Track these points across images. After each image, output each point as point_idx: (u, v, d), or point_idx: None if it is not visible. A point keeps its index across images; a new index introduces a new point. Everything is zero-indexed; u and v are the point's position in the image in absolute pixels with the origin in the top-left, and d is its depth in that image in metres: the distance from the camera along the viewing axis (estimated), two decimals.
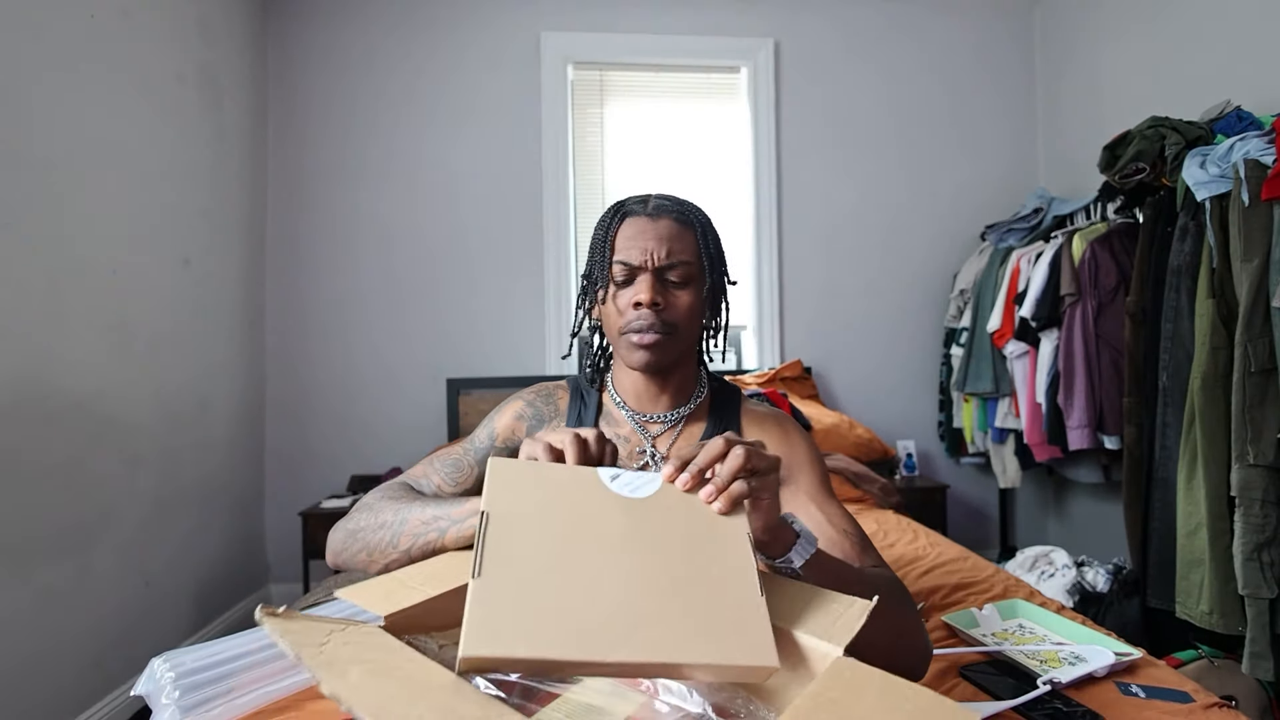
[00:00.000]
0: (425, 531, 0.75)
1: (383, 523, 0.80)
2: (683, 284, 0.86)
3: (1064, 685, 0.80)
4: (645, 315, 0.84)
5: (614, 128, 2.88)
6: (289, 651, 0.45)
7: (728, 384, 1.01)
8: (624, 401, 0.94)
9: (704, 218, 0.91)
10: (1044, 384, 2.27)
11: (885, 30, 2.96)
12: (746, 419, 0.95)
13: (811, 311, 2.93)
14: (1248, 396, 1.51)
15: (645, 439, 0.92)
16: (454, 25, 2.77)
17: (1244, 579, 1.49)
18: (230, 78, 2.41)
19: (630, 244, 0.85)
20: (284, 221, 2.70)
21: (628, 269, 0.85)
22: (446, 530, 0.73)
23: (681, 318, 0.86)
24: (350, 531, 0.84)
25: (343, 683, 0.42)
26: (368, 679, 0.43)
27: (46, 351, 1.59)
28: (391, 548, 0.77)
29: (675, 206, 0.89)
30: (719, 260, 0.92)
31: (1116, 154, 1.92)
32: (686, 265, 0.86)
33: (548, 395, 0.97)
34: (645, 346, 0.85)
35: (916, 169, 2.97)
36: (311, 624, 0.49)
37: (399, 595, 0.57)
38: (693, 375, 0.96)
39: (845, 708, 0.45)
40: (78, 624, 1.67)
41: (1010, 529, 2.90)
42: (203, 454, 2.22)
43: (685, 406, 0.94)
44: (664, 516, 0.56)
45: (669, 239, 0.85)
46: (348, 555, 0.83)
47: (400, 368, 2.73)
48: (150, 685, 0.75)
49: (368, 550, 0.80)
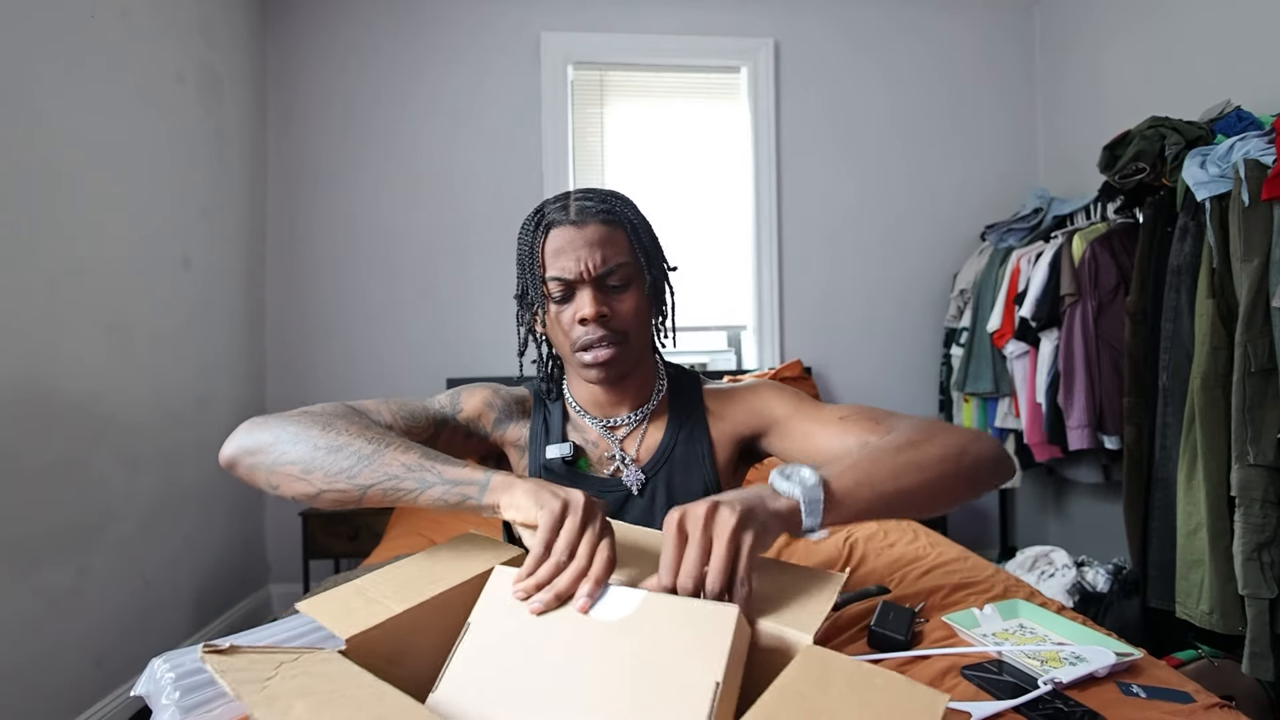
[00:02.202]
0: (403, 476, 0.64)
1: (343, 445, 0.66)
2: (623, 287, 0.83)
3: (1065, 685, 0.80)
4: (593, 329, 0.81)
5: (614, 128, 2.88)
6: (228, 690, 0.44)
7: (686, 371, 0.99)
8: (584, 409, 0.93)
9: (631, 211, 0.87)
10: (1044, 384, 2.27)
11: (885, 30, 2.96)
12: (710, 399, 0.95)
13: (811, 311, 2.93)
14: (1248, 396, 1.51)
15: (612, 443, 0.91)
16: (454, 25, 2.77)
17: (1244, 579, 1.49)
18: (230, 77, 2.41)
19: (560, 257, 0.80)
20: (284, 221, 2.70)
21: (563, 284, 0.81)
22: (431, 485, 0.64)
23: (630, 324, 0.84)
24: (281, 435, 0.68)
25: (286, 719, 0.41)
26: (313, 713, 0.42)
27: (46, 351, 1.59)
28: (346, 478, 0.65)
29: (599, 206, 0.83)
30: (655, 252, 0.89)
31: (1116, 154, 1.92)
32: (623, 267, 0.83)
33: (515, 395, 0.96)
34: (600, 364, 0.82)
35: (916, 169, 2.97)
36: (259, 657, 0.48)
37: (362, 613, 0.55)
38: (650, 374, 0.94)
39: (812, 700, 0.44)
40: (78, 624, 1.67)
41: (1010, 529, 2.90)
42: (203, 454, 2.22)
43: (647, 405, 0.93)
44: (638, 637, 0.50)
45: (600, 244, 0.81)
46: (262, 462, 0.67)
47: (400, 368, 2.73)
48: (150, 685, 0.75)
49: (304, 467, 0.66)
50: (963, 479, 0.71)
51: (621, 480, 0.89)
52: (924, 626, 1.06)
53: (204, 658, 0.47)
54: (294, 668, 0.47)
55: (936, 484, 0.69)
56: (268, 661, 0.47)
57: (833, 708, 0.43)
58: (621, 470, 0.90)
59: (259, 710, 0.42)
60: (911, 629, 1.00)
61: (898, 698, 0.44)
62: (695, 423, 0.92)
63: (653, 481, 0.89)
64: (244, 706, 0.78)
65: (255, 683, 0.45)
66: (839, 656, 0.49)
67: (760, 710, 0.42)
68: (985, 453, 0.74)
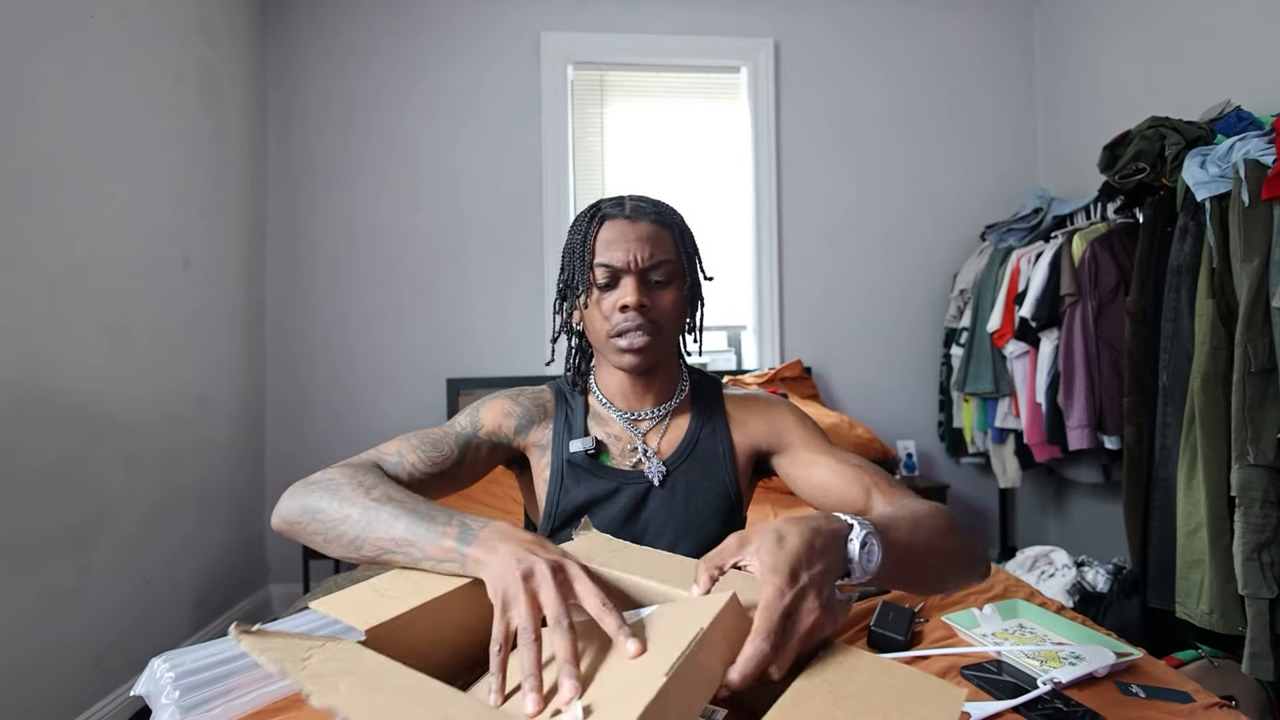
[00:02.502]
0: (393, 550, 0.68)
1: (346, 516, 0.72)
2: (666, 283, 0.88)
3: (1064, 685, 0.80)
4: (632, 317, 0.85)
5: (614, 128, 2.88)
6: (272, 668, 0.44)
7: (707, 375, 1.03)
8: (610, 401, 0.95)
9: (679, 218, 0.93)
10: (1044, 384, 2.27)
11: (885, 30, 2.96)
12: (730, 404, 0.98)
13: (811, 311, 2.93)
14: (1248, 396, 1.51)
15: (635, 435, 0.93)
16: (454, 25, 2.77)
17: (1244, 579, 1.49)
18: (230, 77, 2.41)
19: (611, 247, 0.86)
20: (284, 221, 2.70)
21: (610, 271, 0.86)
22: (419, 563, 0.66)
23: (666, 317, 0.88)
24: (308, 509, 0.75)
25: (335, 695, 0.42)
26: (360, 691, 0.43)
27: (46, 351, 1.59)
28: (354, 549, 0.71)
29: (652, 208, 0.90)
30: (696, 259, 0.94)
31: (1116, 154, 1.92)
32: (668, 264, 0.87)
33: (534, 397, 0.97)
34: (635, 350, 0.86)
35: (916, 169, 2.97)
36: (290, 641, 0.48)
37: (377, 608, 0.56)
38: (675, 372, 0.98)
39: (839, 687, 0.46)
40: (78, 624, 1.67)
41: (1010, 529, 2.90)
42: (203, 454, 2.22)
43: (670, 401, 0.96)
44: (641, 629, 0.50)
45: (650, 240, 0.86)
46: (302, 531, 0.75)
47: (400, 368, 2.73)
48: (150, 685, 0.75)
49: (325, 537, 0.73)
50: (957, 573, 0.75)
51: (644, 472, 0.91)
52: (923, 626, 1.06)
53: (238, 638, 0.48)
54: (325, 652, 0.47)
55: (941, 571, 0.72)
56: (299, 645, 0.48)
57: (859, 694, 0.45)
58: (644, 463, 0.92)
59: (308, 684, 0.42)
60: (911, 629, 1.00)
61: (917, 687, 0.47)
62: (717, 423, 0.96)
63: (674, 474, 0.92)
64: (252, 702, 0.78)
65: (296, 661, 0.45)
66: (861, 651, 0.51)
67: (792, 696, 0.45)
68: (980, 559, 0.77)
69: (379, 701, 0.42)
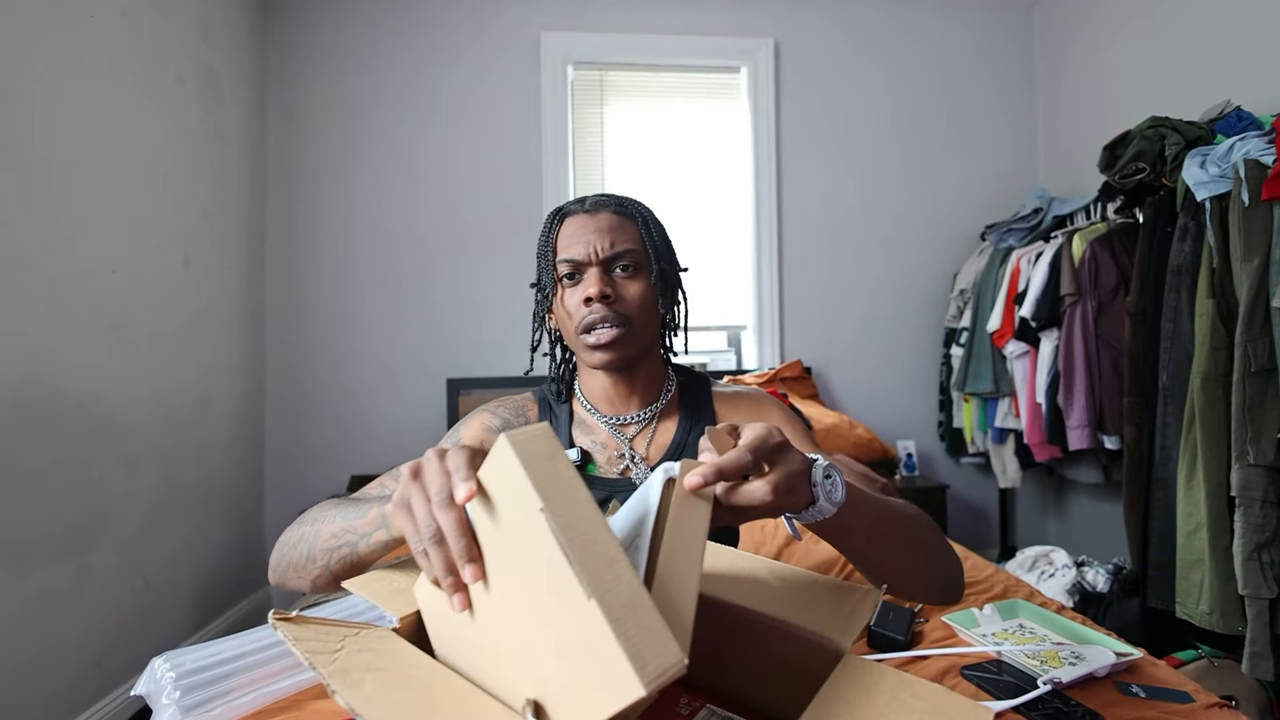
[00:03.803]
0: (337, 546, 0.69)
1: (301, 536, 0.73)
2: (630, 273, 0.86)
3: (1064, 685, 0.80)
4: (597, 309, 0.83)
5: (614, 128, 2.88)
6: (303, 660, 0.44)
7: (696, 374, 1.00)
8: (594, 407, 0.93)
9: (644, 209, 0.91)
10: (1044, 384, 2.27)
11: (885, 30, 2.96)
12: (719, 403, 0.95)
13: (811, 311, 2.93)
14: (1248, 396, 1.51)
15: (622, 442, 0.91)
16: (454, 25, 2.77)
17: (1244, 579, 1.49)
18: (230, 77, 2.41)
19: (572, 241, 0.85)
20: (284, 221, 2.70)
21: (572, 265, 0.85)
22: (357, 544, 0.67)
23: (634, 308, 0.85)
24: (280, 551, 0.76)
25: (358, 694, 0.42)
26: (382, 691, 0.43)
27: (46, 351, 1.59)
28: (310, 563, 0.71)
29: (613, 201, 0.89)
30: (665, 248, 0.92)
31: (1116, 154, 1.92)
32: (631, 253, 0.86)
33: (516, 407, 0.95)
34: (604, 345, 0.83)
35: (916, 169, 2.97)
36: (324, 629, 0.48)
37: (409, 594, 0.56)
38: (659, 371, 0.95)
39: (858, 708, 0.44)
40: (78, 624, 1.67)
41: (1010, 529, 2.90)
42: (203, 454, 2.22)
43: (656, 403, 0.93)
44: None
45: (610, 230, 0.85)
46: (282, 573, 0.76)
47: (400, 368, 2.73)
48: (151, 685, 0.75)
49: (293, 567, 0.73)
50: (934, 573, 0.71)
51: (631, 479, 0.89)
52: (923, 626, 1.06)
53: (275, 625, 0.48)
54: (357, 642, 0.47)
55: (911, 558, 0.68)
56: (333, 634, 0.48)
57: (880, 714, 0.44)
58: (631, 469, 0.89)
59: (334, 681, 0.42)
60: (911, 629, 1.00)
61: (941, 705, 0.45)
62: (706, 423, 0.93)
63: None
64: (252, 702, 0.78)
65: (326, 653, 0.45)
66: (883, 667, 0.49)
67: (808, 715, 0.43)
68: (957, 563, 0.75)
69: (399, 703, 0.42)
